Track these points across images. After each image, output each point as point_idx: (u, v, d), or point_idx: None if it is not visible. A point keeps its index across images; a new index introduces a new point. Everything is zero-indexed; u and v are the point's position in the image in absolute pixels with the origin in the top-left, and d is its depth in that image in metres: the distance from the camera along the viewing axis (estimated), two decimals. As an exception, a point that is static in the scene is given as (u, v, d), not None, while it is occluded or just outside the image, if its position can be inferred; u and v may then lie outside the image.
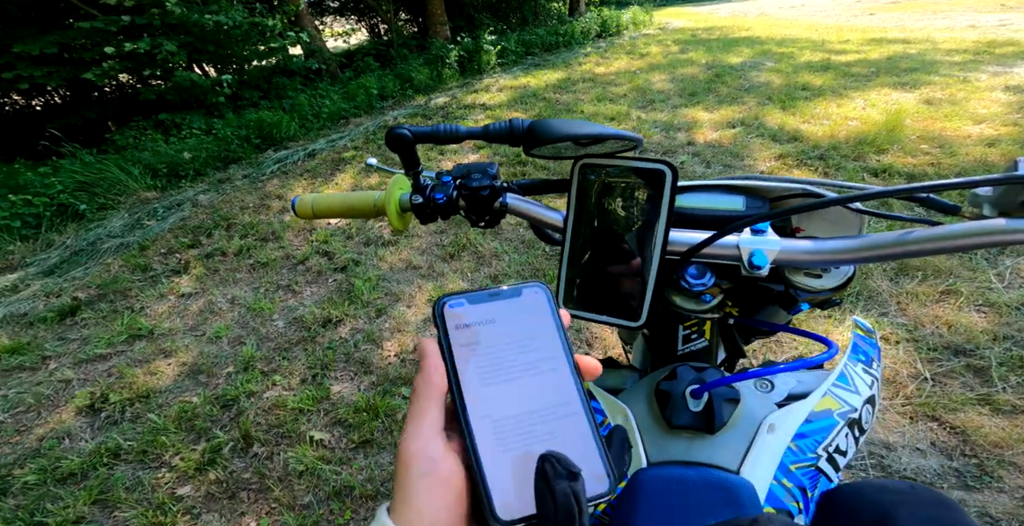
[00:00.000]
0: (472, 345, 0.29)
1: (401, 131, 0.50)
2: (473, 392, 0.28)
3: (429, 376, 0.28)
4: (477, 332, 0.29)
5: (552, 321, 0.30)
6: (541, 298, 0.30)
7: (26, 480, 1.60)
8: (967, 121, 3.28)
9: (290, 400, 1.81)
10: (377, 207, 0.59)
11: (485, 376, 0.28)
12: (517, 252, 2.56)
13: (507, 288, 0.30)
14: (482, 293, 0.30)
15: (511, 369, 0.28)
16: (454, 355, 0.28)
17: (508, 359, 0.28)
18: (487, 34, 7.66)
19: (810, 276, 0.51)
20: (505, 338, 0.29)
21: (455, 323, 0.29)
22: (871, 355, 0.66)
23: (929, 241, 0.40)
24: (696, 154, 3.42)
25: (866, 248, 0.43)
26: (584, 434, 0.27)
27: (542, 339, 0.29)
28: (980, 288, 1.88)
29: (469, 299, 0.30)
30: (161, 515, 1.46)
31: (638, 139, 0.50)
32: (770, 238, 0.47)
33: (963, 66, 4.56)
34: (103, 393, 1.93)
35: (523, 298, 0.30)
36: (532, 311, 0.30)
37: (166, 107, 4.93)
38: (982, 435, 1.38)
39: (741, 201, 0.56)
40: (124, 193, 3.80)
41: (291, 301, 2.41)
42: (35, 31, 4.41)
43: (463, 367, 0.28)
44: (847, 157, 3.03)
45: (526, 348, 0.29)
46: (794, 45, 6.53)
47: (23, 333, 2.37)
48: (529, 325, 0.29)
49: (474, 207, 0.56)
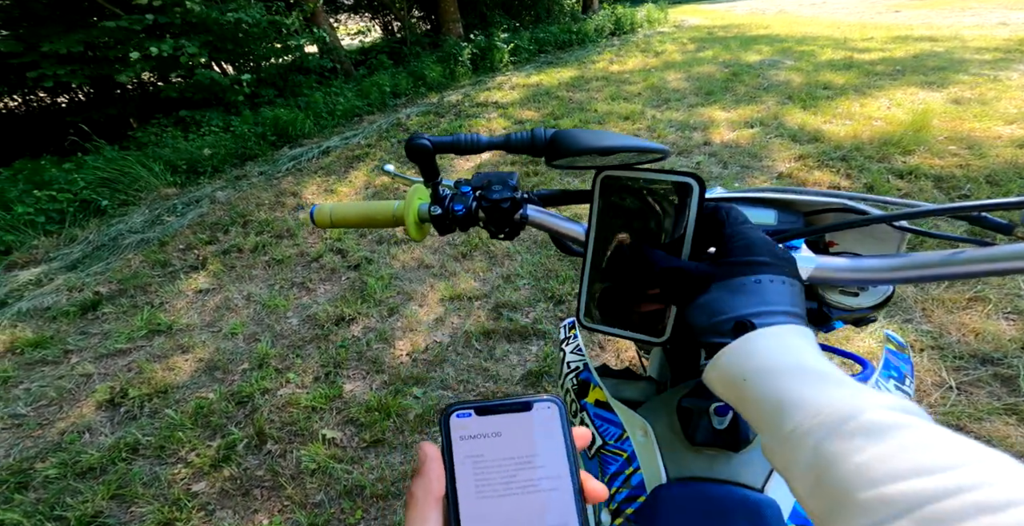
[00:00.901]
0: (474, 457, 0.28)
1: (421, 141, 0.49)
2: (468, 504, 0.27)
3: (430, 481, 0.27)
4: (481, 444, 0.29)
5: (562, 439, 0.29)
6: (553, 414, 0.30)
7: (47, 474, 1.63)
8: (997, 121, 3.18)
9: (303, 398, 1.82)
10: (396, 217, 0.58)
11: (482, 489, 0.28)
12: (530, 252, 2.55)
13: (519, 400, 0.30)
14: (491, 404, 0.30)
15: (510, 485, 0.28)
16: (455, 465, 0.28)
17: (509, 474, 0.28)
18: (500, 32, 7.64)
19: (846, 294, 0.49)
20: (509, 452, 0.29)
21: (460, 434, 0.29)
22: (904, 372, 0.63)
23: (980, 262, 0.38)
24: (712, 154, 3.37)
25: (910, 267, 0.40)
26: None
27: (548, 456, 0.28)
28: (1009, 295, 1.82)
29: (477, 410, 0.30)
30: (176, 511, 1.48)
31: (665, 151, 0.48)
32: (804, 255, 0.45)
33: (993, 65, 4.42)
34: (123, 388, 1.96)
35: (533, 412, 0.30)
36: (541, 427, 0.29)
37: (185, 104, 5.00)
38: (1008, 445, 1.35)
39: (773, 215, 0.53)
40: (145, 189, 3.87)
41: (305, 298, 2.43)
42: (60, 30, 4.50)
43: (462, 477, 0.28)
44: (871, 158, 2.96)
45: (530, 465, 0.28)
46: (815, 43, 6.39)
47: (46, 327, 2.43)
48: (536, 441, 0.29)
49: (494, 219, 0.55)
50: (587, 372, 0.67)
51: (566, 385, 0.71)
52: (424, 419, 1.70)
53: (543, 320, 2.07)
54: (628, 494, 0.53)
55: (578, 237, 0.55)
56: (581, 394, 0.65)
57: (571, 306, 2.16)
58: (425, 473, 0.28)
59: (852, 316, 0.51)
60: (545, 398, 0.30)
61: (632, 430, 0.56)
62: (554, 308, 2.14)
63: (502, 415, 0.30)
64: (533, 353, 1.92)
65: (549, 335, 1.99)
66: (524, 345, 1.97)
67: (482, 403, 0.30)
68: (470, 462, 0.28)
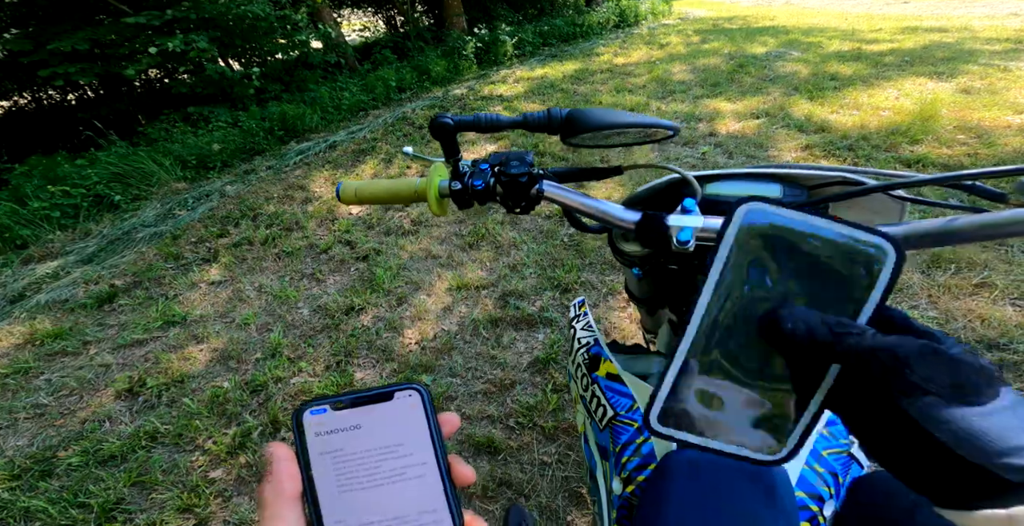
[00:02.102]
0: (333, 452, 0.28)
1: (444, 120, 0.52)
2: (330, 499, 0.27)
3: (279, 482, 0.26)
4: (339, 439, 0.28)
5: (425, 426, 0.28)
6: (416, 401, 0.29)
7: (70, 462, 1.67)
8: (1007, 111, 3.15)
9: (315, 386, 1.86)
10: (418, 193, 0.60)
11: (344, 483, 0.27)
12: (536, 242, 2.57)
13: (377, 391, 0.29)
14: (347, 397, 0.29)
15: (374, 476, 0.27)
16: (311, 463, 0.27)
17: (372, 466, 0.27)
18: (504, 25, 7.61)
19: None
20: (370, 444, 0.28)
21: (316, 430, 0.28)
22: None
23: (975, 228, 0.39)
24: (718, 145, 3.36)
25: (911, 234, 0.42)
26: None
27: (412, 445, 0.28)
28: (1016, 281, 1.82)
29: (333, 405, 0.29)
30: (195, 497, 1.51)
31: (675, 127, 0.50)
32: None
33: (1004, 55, 4.36)
34: (141, 377, 2.00)
35: (395, 402, 0.29)
36: (404, 416, 0.29)
37: (193, 100, 5.05)
38: None
39: (778, 189, 0.55)
40: (156, 184, 3.92)
41: (315, 289, 2.47)
42: (68, 28, 4.55)
43: (320, 474, 0.27)
44: (878, 147, 2.95)
45: (394, 454, 0.28)
46: (822, 35, 6.32)
47: (64, 318, 2.48)
48: (399, 430, 0.28)
49: (511, 194, 0.57)
50: (598, 347, 0.68)
51: (577, 360, 0.73)
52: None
53: (549, 308, 2.10)
54: (639, 462, 0.54)
55: (590, 211, 0.56)
56: (592, 368, 0.67)
57: (576, 294, 2.17)
58: (274, 474, 0.27)
59: None
60: (406, 386, 0.29)
61: (642, 400, 0.57)
62: (560, 296, 2.16)
63: (361, 407, 0.29)
64: (540, 341, 1.95)
65: (555, 323, 2.01)
66: (531, 333, 2.00)
67: (338, 397, 0.29)
68: (328, 458, 0.27)
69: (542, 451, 1.54)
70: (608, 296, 2.13)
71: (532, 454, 1.53)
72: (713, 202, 0.55)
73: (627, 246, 0.60)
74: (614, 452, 0.58)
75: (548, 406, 1.65)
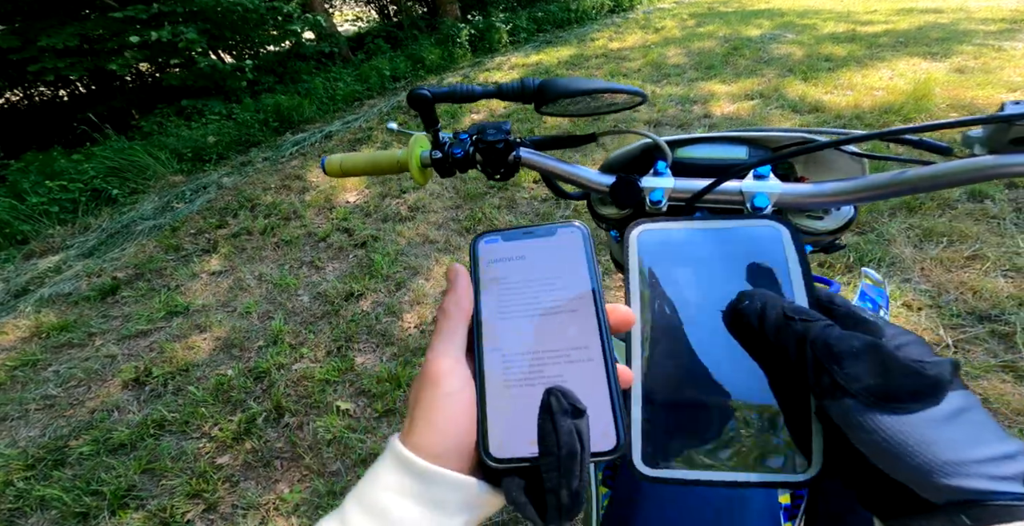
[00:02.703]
0: (499, 279, 0.29)
1: (421, 91, 0.53)
2: (491, 324, 0.27)
3: (459, 297, 0.28)
4: (505, 267, 0.29)
5: (584, 263, 0.28)
6: (576, 238, 0.29)
7: (81, 451, 1.70)
8: (1000, 89, 3.15)
9: (317, 371, 1.88)
10: (400, 163, 0.62)
11: (505, 310, 0.28)
12: (532, 224, 2.59)
13: (544, 227, 0.30)
14: (517, 231, 0.30)
15: (532, 306, 0.28)
16: (479, 286, 0.29)
17: (530, 296, 0.28)
18: (498, 12, 7.53)
19: (812, 218, 0.53)
20: (531, 275, 0.28)
21: (487, 258, 0.30)
22: (879, 302, 0.67)
23: (923, 179, 0.41)
24: (713, 126, 3.36)
25: (864, 188, 0.44)
26: (598, 383, 0.25)
27: (569, 279, 0.28)
28: (1008, 253, 1.85)
29: (504, 237, 0.30)
30: (204, 483, 1.54)
31: (642, 93, 0.52)
32: (772, 182, 0.49)
33: (998, 35, 4.33)
34: (146, 367, 2.03)
35: (557, 237, 0.30)
36: (564, 251, 0.29)
37: (186, 94, 5.02)
38: (1005, 403, 1.37)
39: (744, 150, 0.57)
40: (153, 177, 3.93)
41: (315, 277, 2.50)
42: (55, 23, 4.50)
43: (486, 299, 0.28)
44: (871, 126, 2.95)
45: (552, 287, 0.28)
46: (817, 16, 6.26)
47: (69, 311, 2.51)
48: (559, 265, 0.29)
49: (490, 160, 0.59)
50: None
51: None
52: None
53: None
54: None
55: (569, 176, 0.58)
56: None
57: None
58: (455, 290, 0.28)
59: (821, 240, 0.55)
60: (569, 224, 0.30)
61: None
62: (558, 280, 2.18)
63: (527, 240, 0.30)
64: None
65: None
66: (530, 315, 2.02)
67: (509, 229, 0.31)
68: (494, 284, 0.29)
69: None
70: (605, 275, 2.15)
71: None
72: (684, 165, 0.58)
73: (604, 209, 0.62)
74: None
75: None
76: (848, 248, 2.00)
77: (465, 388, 0.26)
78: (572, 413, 0.23)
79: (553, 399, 0.24)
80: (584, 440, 0.23)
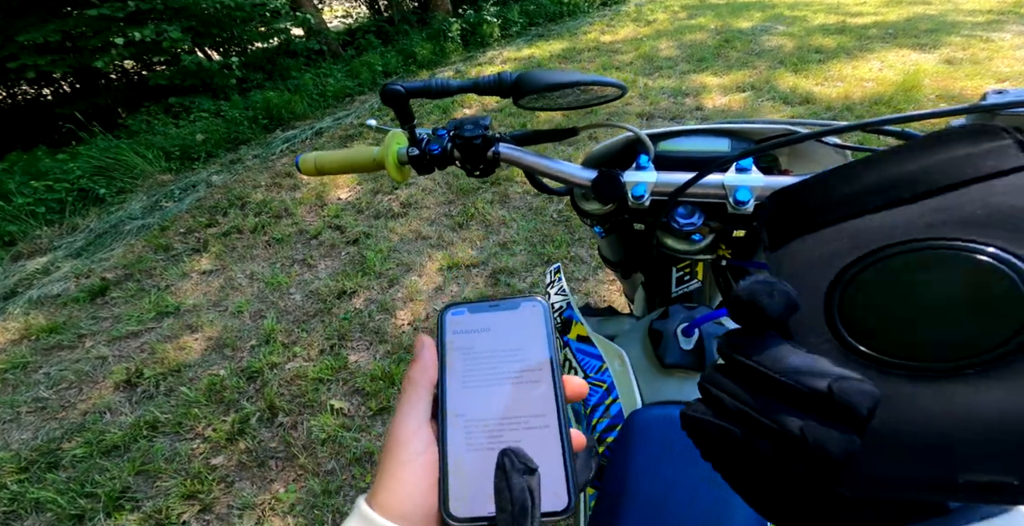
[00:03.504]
0: (464, 349, 0.30)
1: (394, 87, 0.52)
2: (455, 391, 0.29)
3: (425, 367, 0.29)
4: (470, 338, 0.31)
5: (544, 336, 0.30)
6: (538, 312, 0.31)
7: (74, 453, 1.69)
8: (989, 80, 3.17)
9: (310, 370, 1.88)
10: (376, 161, 0.61)
11: (468, 378, 0.29)
12: (525, 219, 2.59)
13: (508, 300, 0.32)
14: (483, 304, 0.32)
15: (494, 375, 0.29)
16: (445, 356, 0.30)
17: (493, 366, 0.30)
18: (489, 6, 7.45)
19: None
20: (494, 346, 0.30)
21: (453, 329, 0.31)
22: None
23: None
24: (705, 119, 3.36)
25: None
26: (552, 448, 0.27)
27: (530, 351, 0.30)
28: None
29: (470, 309, 0.32)
30: (198, 484, 1.54)
31: (621, 85, 0.51)
32: (754, 176, 0.48)
33: (986, 26, 4.36)
34: (138, 368, 2.02)
35: (520, 310, 0.32)
36: (526, 324, 0.31)
37: (173, 91, 4.95)
38: None
39: (727, 143, 0.57)
40: (140, 176, 3.88)
41: (307, 275, 2.48)
42: (35, 20, 4.42)
43: (451, 367, 0.30)
44: (861, 117, 2.96)
45: (514, 358, 0.30)
46: (807, 8, 6.26)
47: (58, 313, 2.48)
48: (520, 337, 0.31)
49: (468, 156, 0.58)
50: (570, 310, 0.69)
51: None
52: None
53: (540, 284, 2.12)
54: (608, 423, 0.55)
55: (548, 171, 0.57)
56: (564, 331, 0.67)
57: (566, 269, 2.20)
58: (421, 360, 0.30)
59: None
60: (532, 298, 0.32)
61: (610, 360, 0.58)
62: (550, 274, 2.18)
63: (492, 313, 0.32)
64: (531, 317, 1.97)
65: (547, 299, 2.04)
66: (522, 310, 2.02)
67: (475, 302, 0.32)
68: (459, 354, 0.30)
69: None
70: (597, 270, 2.16)
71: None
72: (667, 158, 0.57)
73: (587, 205, 0.61)
74: (585, 414, 0.58)
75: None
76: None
77: (427, 452, 0.27)
78: (524, 471, 0.25)
79: (507, 459, 0.25)
80: (535, 496, 0.24)
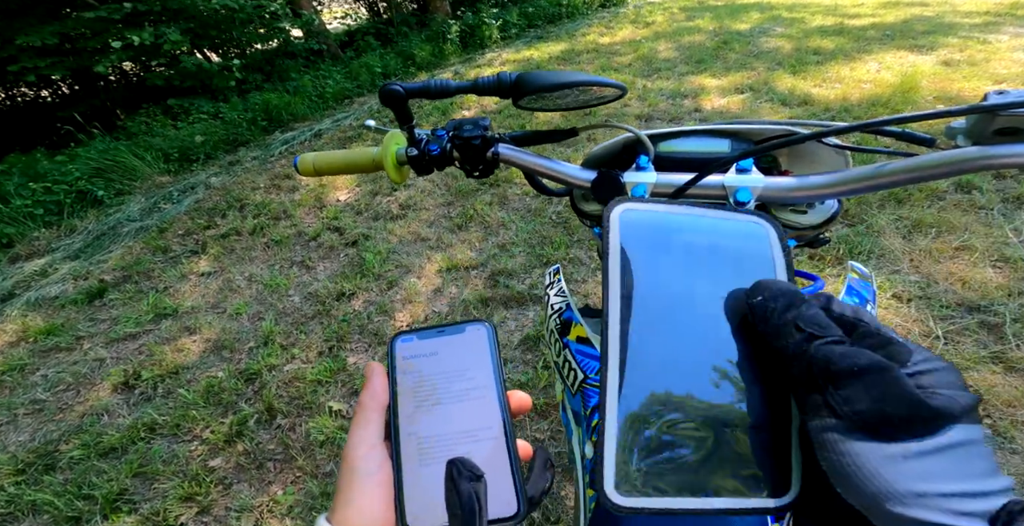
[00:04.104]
0: (413, 373, 0.33)
1: (393, 87, 0.51)
2: (407, 411, 0.31)
3: (375, 392, 0.31)
4: (420, 362, 0.33)
5: (488, 356, 0.33)
6: (482, 335, 0.34)
7: (72, 455, 1.68)
8: (986, 81, 3.17)
9: (309, 372, 1.87)
10: (375, 162, 0.60)
11: (419, 400, 0.32)
12: (524, 221, 2.58)
13: (453, 325, 0.34)
14: (431, 330, 0.34)
15: (443, 395, 0.32)
16: (396, 381, 0.32)
17: (442, 386, 0.32)
18: (488, 8, 7.47)
19: (796, 212, 0.52)
20: (442, 368, 0.33)
21: (403, 354, 0.33)
22: (866, 297, 0.66)
23: (906, 171, 0.40)
24: (703, 120, 3.36)
25: (847, 181, 0.44)
26: (500, 458, 0.30)
27: (476, 371, 0.32)
28: (996, 243, 1.86)
29: (419, 336, 0.34)
30: (196, 486, 1.52)
31: (621, 86, 0.51)
32: (754, 176, 0.48)
33: (983, 28, 4.37)
34: (135, 370, 2.00)
35: (466, 334, 0.34)
36: (472, 346, 0.33)
37: (172, 93, 4.95)
38: (995, 394, 1.37)
39: (727, 144, 0.56)
40: (139, 178, 3.87)
41: (305, 277, 2.47)
42: (34, 22, 4.42)
43: (402, 390, 0.32)
44: (859, 119, 2.95)
45: (461, 378, 0.32)
46: (805, 10, 6.28)
47: (56, 315, 2.47)
48: (467, 358, 0.33)
49: (467, 157, 0.57)
50: (570, 311, 0.68)
51: (550, 326, 0.73)
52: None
53: (539, 285, 2.11)
54: None
55: (548, 172, 0.56)
56: (564, 332, 0.67)
57: (565, 271, 2.19)
58: (371, 385, 0.32)
59: (805, 235, 0.53)
60: (476, 322, 0.34)
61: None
62: (550, 276, 2.17)
63: (439, 338, 0.34)
64: (530, 318, 1.97)
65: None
66: (521, 311, 2.02)
67: (423, 329, 0.35)
68: (409, 377, 0.33)
69: (534, 428, 1.56)
70: (596, 271, 2.15)
71: (524, 431, 1.56)
72: (667, 159, 0.56)
73: (587, 206, 0.61)
74: (585, 416, 0.58)
75: (539, 383, 1.68)
76: (838, 240, 2.01)
77: (382, 470, 0.29)
78: (471, 478, 0.27)
79: (454, 467, 0.28)
80: (483, 501, 0.27)
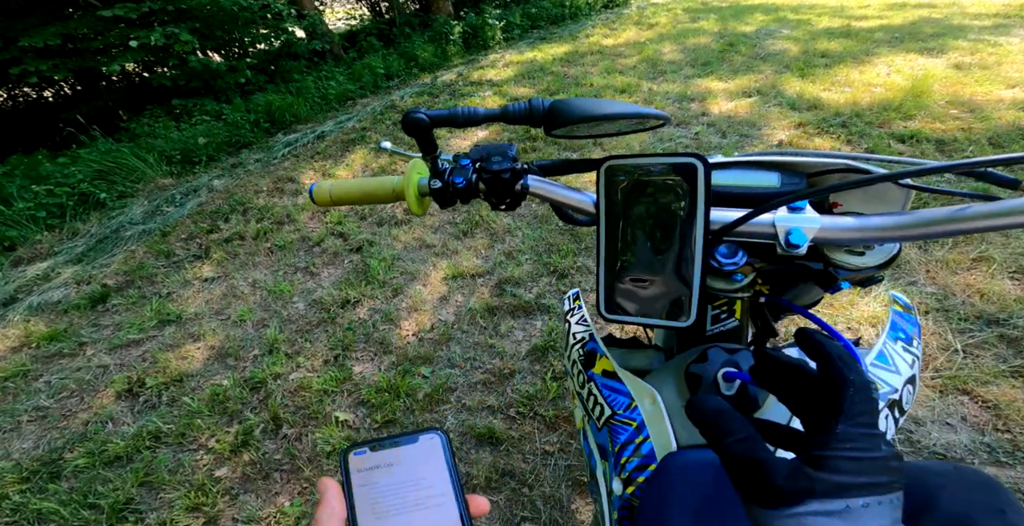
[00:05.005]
0: (370, 485, 0.33)
1: (417, 116, 0.49)
2: (367, 523, 0.32)
3: (331, 507, 0.31)
4: (375, 474, 0.33)
5: (444, 463, 0.34)
6: (436, 443, 0.35)
7: (76, 464, 1.66)
8: (999, 85, 3.14)
9: (315, 381, 1.84)
10: (396, 193, 0.58)
11: (379, 511, 0.32)
12: (530, 227, 2.56)
13: (407, 435, 0.35)
14: (385, 441, 0.35)
15: (402, 505, 0.32)
16: (353, 494, 0.33)
17: (401, 496, 0.32)
18: (491, 9, 7.44)
19: (852, 253, 0.48)
20: (400, 478, 0.33)
21: (357, 467, 0.34)
22: (910, 333, 0.63)
23: (987, 217, 0.37)
24: (711, 124, 3.33)
25: (917, 225, 0.39)
26: None
27: (433, 479, 0.33)
28: (1014, 254, 1.83)
29: (371, 447, 0.35)
30: (203, 496, 1.51)
31: (665, 117, 0.48)
32: (809, 215, 0.44)
33: (993, 30, 4.34)
34: (140, 377, 1.98)
35: (420, 443, 0.35)
36: (427, 455, 0.34)
37: (175, 93, 4.93)
38: (1015, 409, 1.34)
39: (776, 177, 0.53)
40: (141, 180, 3.85)
41: (309, 283, 2.45)
42: (36, 22, 4.40)
43: (360, 503, 0.32)
44: (871, 124, 2.93)
45: (418, 486, 0.33)
46: (811, 11, 6.24)
47: (58, 320, 2.45)
48: (422, 467, 0.34)
49: (495, 190, 0.55)
50: (593, 342, 0.67)
51: (572, 356, 0.70)
52: (433, 398, 1.72)
53: (546, 294, 2.09)
54: (639, 463, 0.53)
55: (579, 206, 0.54)
56: (588, 365, 0.65)
57: (573, 280, 2.17)
58: (326, 501, 0.32)
59: (858, 276, 0.50)
60: (429, 431, 0.35)
61: (640, 399, 0.56)
62: (557, 282, 2.15)
63: (393, 449, 0.34)
64: (538, 328, 1.94)
65: (553, 309, 2.01)
66: (528, 320, 1.99)
67: (375, 441, 0.35)
68: (366, 490, 0.33)
69: (544, 440, 1.54)
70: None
71: (534, 444, 1.53)
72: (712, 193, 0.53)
73: None
74: (613, 452, 0.57)
75: (548, 395, 1.65)
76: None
77: None
78: None
79: None
80: None
